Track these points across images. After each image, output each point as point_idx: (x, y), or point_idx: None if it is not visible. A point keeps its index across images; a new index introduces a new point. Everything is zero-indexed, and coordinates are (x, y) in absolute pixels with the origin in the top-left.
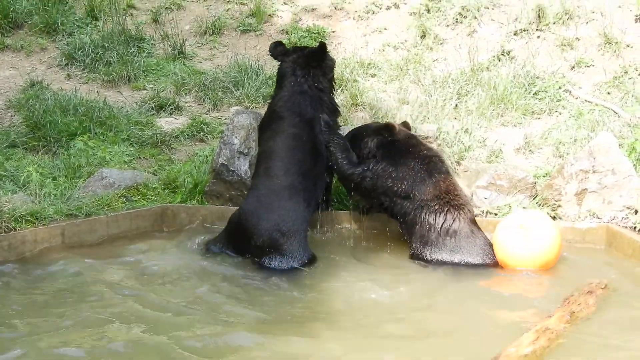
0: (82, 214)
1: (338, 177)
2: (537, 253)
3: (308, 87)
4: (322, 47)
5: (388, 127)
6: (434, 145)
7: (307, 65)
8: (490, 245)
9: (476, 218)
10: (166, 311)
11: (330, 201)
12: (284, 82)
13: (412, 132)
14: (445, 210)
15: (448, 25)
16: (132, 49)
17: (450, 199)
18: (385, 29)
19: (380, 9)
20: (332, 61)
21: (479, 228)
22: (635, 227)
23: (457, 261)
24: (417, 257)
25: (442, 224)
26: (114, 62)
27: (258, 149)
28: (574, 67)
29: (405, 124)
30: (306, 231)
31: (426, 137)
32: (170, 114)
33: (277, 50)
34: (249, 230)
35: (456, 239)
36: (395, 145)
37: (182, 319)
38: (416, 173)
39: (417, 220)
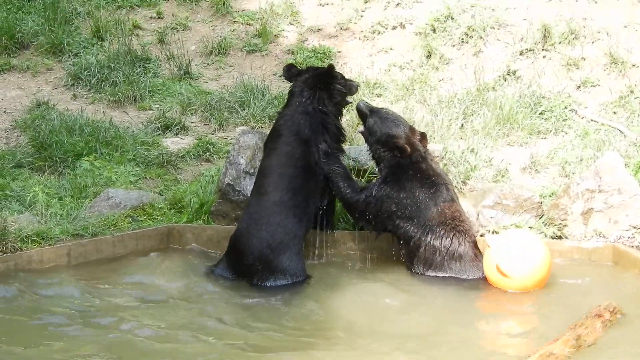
0: (88, 234)
1: (343, 206)
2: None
3: (312, 108)
4: (329, 69)
5: (401, 150)
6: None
7: (314, 87)
8: None
9: (481, 238)
10: (170, 339)
11: (332, 223)
12: (291, 101)
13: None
14: (452, 235)
15: (454, 45)
16: (138, 69)
17: (456, 225)
18: (391, 49)
19: (386, 29)
20: (345, 86)
21: (480, 252)
22: None
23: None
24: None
25: (449, 248)
26: (120, 82)
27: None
28: (579, 86)
29: (422, 135)
30: (299, 247)
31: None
32: (177, 134)
33: (290, 72)
34: (242, 249)
35: (461, 263)
36: (404, 168)
37: (187, 346)
38: (421, 201)
39: (421, 244)
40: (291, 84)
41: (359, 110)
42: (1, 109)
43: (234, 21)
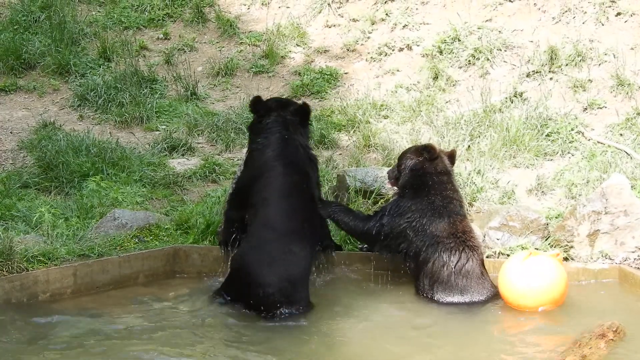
0: (94, 254)
1: (357, 238)
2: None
3: (299, 141)
4: (305, 106)
5: (429, 149)
6: (458, 187)
7: (296, 122)
8: (495, 287)
9: (488, 259)
10: None
11: (330, 247)
12: (274, 134)
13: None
14: (461, 249)
15: (460, 67)
16: (145, 90)
17: (466, 239)
18: (397, 70)
19: (393, 50)
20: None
21: (486, 271)
22: None
23: (467, 301)
24: (424, 295)
25: (457, 263)
26: (127, 103)
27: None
28: (586, 108)
29: (452, 154)
30: (309, 276)
31: None
32: (183, 155)
33: (260, 105)
34: (257, 282)
35: (468, 279)
36: (426, 176)
37: None
38: (435, 210)
39: (430, 257)
40: (263, 116)
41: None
42: (8, 130)
43: (241, 42)
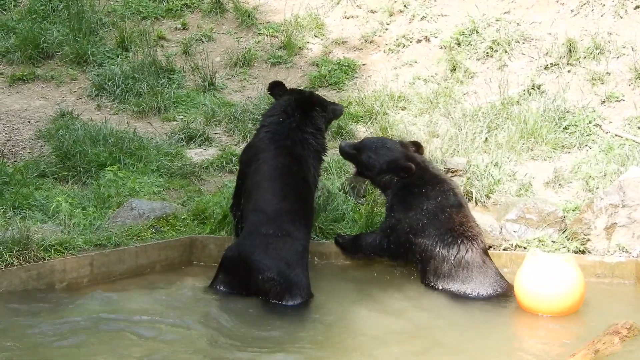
0: (111, 244)
1: (368, 255)
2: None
3: (297, 127)
4: (310, 95)
5: (407, 169)
6: (444, 174)
7: (296, 109)
8: (501, 275)
9: (504, 252)
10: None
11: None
12: (276, 117)
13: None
14: (459, 242)
15: (479, 59)
16: (163, 80)
17: (464, 231)
18: (415, 62)
19: (411, 42)
20: (329, 111)
21: (490, 259)
22: None
23: (469, 292)
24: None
25: (456, 256)
26: (144, 93)
27: None
28: (604, 101)
29: (417, 145)
30: (307, 260)
31: (456, 170)
32: (200, 145)
33: (277, 89)
34: (252, 267)
35: (468, 270)
36: (410, 187)
37: None
38: (429, 211)
39: (432, 255)
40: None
41: (344, 154)
42: (25, 119)
43: (259, 33)
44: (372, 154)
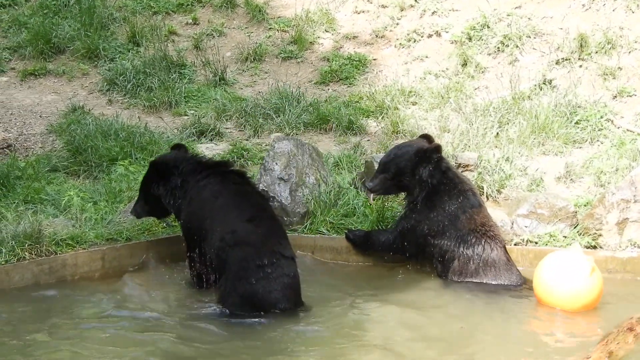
0: (123, 238)
1: (380, 252)
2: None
3: None
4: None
5: (436, 149)
6: (466, 175)
7: None
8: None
9: (517, 247)
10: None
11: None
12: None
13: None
14: (483, 242)
15: (490, 54)
16: (174, 75)
17: (486, 231)
18: (426, 57)
19: (422, 37)
20: None
21: (509, 255)
22: None
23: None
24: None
25: (482, 255)
26: (155, 87)
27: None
28: (616, 96)
29: (426, 137)
30: None
31: (467, 165)
32: (211, 139)
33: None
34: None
35: (496, 268)
36: (438, 186)
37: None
38: (451, 213)
39: (455, 256)
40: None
41: (376, 186)
42: (37, 113)
43: (270, 28)
44: (395, 158)
